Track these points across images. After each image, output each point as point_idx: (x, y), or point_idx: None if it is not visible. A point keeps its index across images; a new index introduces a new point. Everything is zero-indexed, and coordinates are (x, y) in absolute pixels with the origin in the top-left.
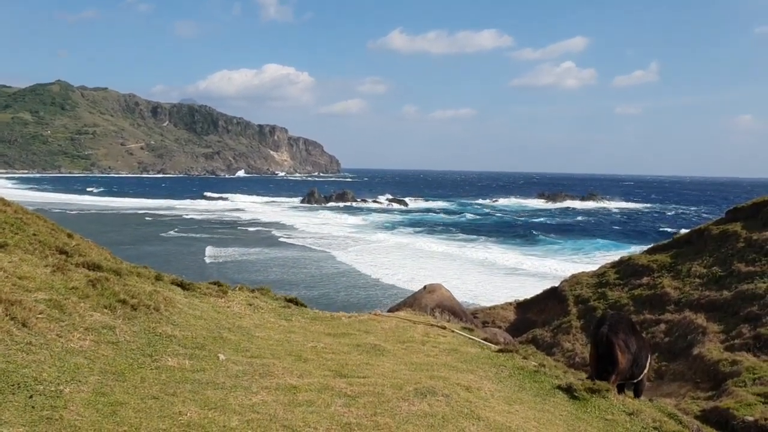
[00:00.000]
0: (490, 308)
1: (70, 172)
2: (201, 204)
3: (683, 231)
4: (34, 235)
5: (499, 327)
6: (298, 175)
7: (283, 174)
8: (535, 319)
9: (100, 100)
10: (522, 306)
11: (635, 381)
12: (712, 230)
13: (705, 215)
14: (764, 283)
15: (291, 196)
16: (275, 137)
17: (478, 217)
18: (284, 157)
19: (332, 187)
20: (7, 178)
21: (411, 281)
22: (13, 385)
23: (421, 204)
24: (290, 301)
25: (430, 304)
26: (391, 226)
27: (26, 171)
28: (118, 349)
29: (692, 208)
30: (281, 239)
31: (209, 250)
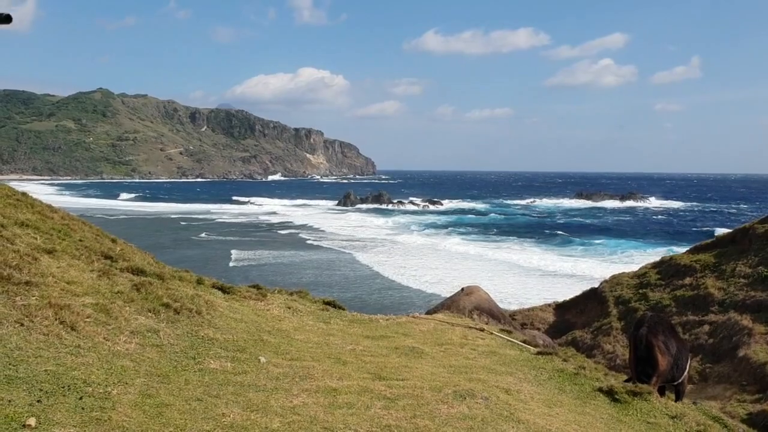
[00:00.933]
0: (528, 310)
1: (111, 178)
2: (234, 208)
3: (727, 230)
4: (80, 240)
5: (538, 329)
6: (333, 177)
7: (319, 176)
8: (574, 320)
9: (140, 107)
10: (561, 307)
11: (676, 383)
12: (757, 229)
13: (751, 213)
14: None
15: (327, 199)
16: (311, 140)
17: (514, 217)
18: (320, 160)
19: (368, 189)
20: (51, 185)
21: (447, 283)
22: (63, 387)
23: (457, 205)
24: (328, 303)
25: (468, 306)
26: (427, 228)
27: (70, 177)
28: (162, 351)
29: (737, 206)
30: (316, 242)
31: (241, 254)
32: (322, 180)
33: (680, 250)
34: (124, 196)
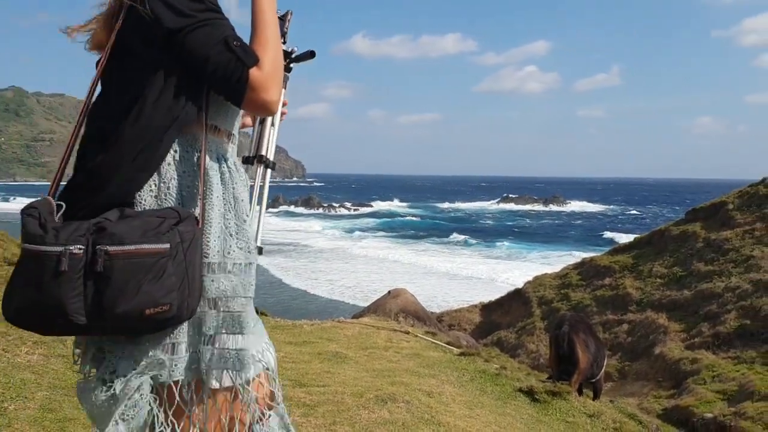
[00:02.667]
0: (455, 311)
1: (25, 180)
2: None
3: (644, 232)
4: None
5: (465, 330)
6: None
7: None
8: (499, 321)
9: (57, 107)
10: (487, 308)
11: (594, 381)
12: (672, 231)
13: (668, 215)
14: (722, 282)
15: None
16: None
17: (443, 221)
18: None
19: (297, 193)
20: None
21: (375, 286)
22: None
23: (387, 208)
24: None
25: (394, 308)
26: (356, 231)
27: None
28: (68, 362)
29: (654, 209)
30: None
31: None
32: (249, 183)
33: (599, 251)
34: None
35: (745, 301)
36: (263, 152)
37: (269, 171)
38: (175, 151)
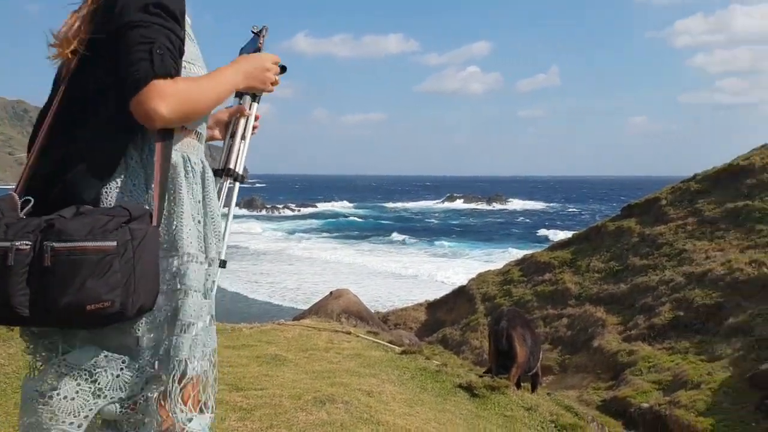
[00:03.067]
0: (401, 310)
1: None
2: None
3: (583, 229)
4: None
5: (411, 328)
6: None
7: None
8: (444, 318)
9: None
10: (432, 306)
11: (531, 374)
12: (608, 226)
13: (606, 212)
14: (657, 275)
15: None
16: None
17: (388, 221)
18: None
19: (240, 194)
20: None
21: (318, 288)
22: None
23: (332, 208)
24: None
25: (337, 309)
26: (300, 232)
27: None
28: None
29: (592, 206)
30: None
31: None
32: None
33: (540, 248)
34: None
35: (678, 293)
36: (231, 165)
37: (237, 184)
38: (142, 149)
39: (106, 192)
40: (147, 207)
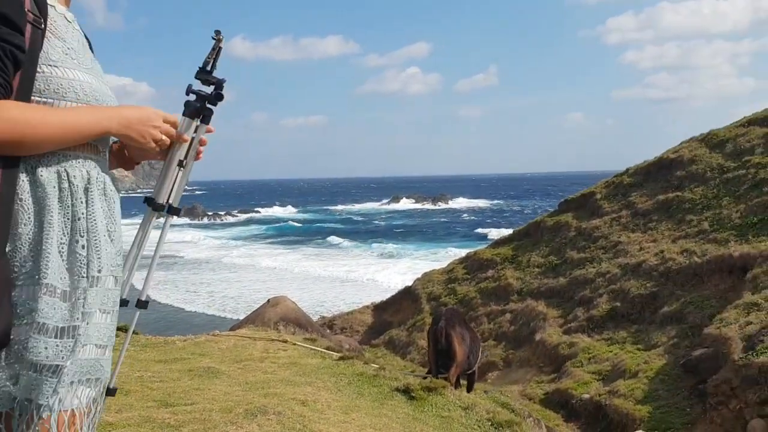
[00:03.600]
0: (348, 314)
1: None
2: None
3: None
4: None
5: (358, 331)
6: (140, 191)
7: (124, 191)
8: (391, 320)
9: None
10: (378, 308)
11: (469, 372)
12: (547, 222)
13: (547, 207)
14: (594, 268)
15: (133, 216)
16: None
17: (332, 224)
18: (124, 173)
19: (180, 202)
20: None
21: (258, 296)
22: None
23: (274, 213)
24: (119, 328)
25: (274, 317)
26: (242, 239)
27: None
28: None
29: (534, 203)
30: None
31: None
32: (126, 194)
33: (483, 245)
34: None
35: (614, 284)
36: (161, 198)
37: (172, 217)
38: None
39: None
40: None
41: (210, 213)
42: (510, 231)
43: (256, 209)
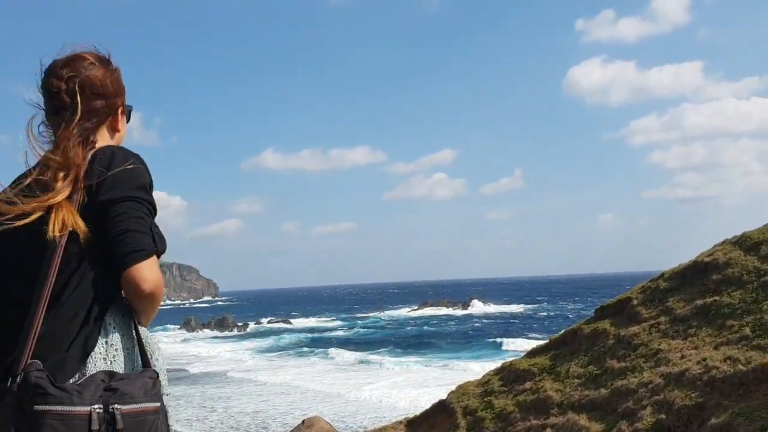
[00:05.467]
0: (379, 430)
1: None
2: None
3: (561, 331)
4: None
5: None
6: (170, 302)
7: None
8: None
9: None
10: (412, 423)
11: None
12: (584, 329)
13: (581, 311)
14: (635, 377)
15: (165, 327)
16: None
17: (365, 330)
18: None
19: (210, 313)
20: None
21: (294, 411)
22: None
23: (307, 322)
24: None
25: None
26: (275, 350)
27: None
28: None
29: (567, 306)
30: (171, 372)
31: None
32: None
33: (521, 351)
34: None
35: (658, 395)
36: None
37: None
38: (114, 318)
39: (92, 357)
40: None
41: (240, 323)
42: (540, 335)
43: (288, 319)
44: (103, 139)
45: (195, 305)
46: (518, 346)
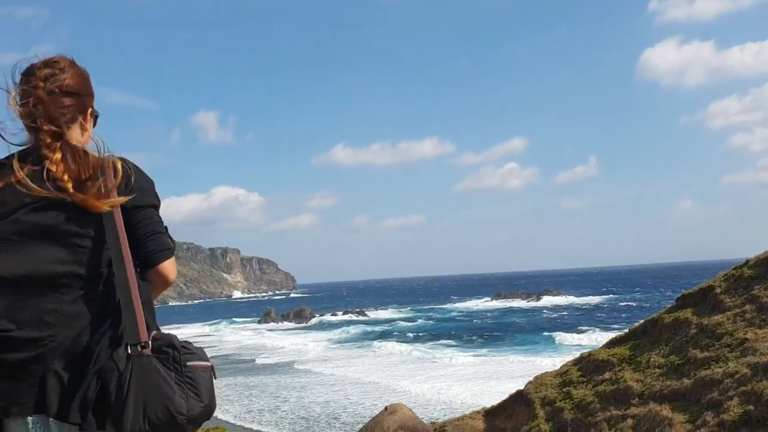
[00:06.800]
0: (458, 419)
1: None
2: None
3: (639, 321)
4: None
5: None
6: (252, 295)
7: (239, 295)
8: (504, 426)
9: None
10: (490, 413)
11: None
12: (665, 319)
13: (661, 301)
14: (720, 368)
15: (247, 318)
16: (227, 259)
17: (438, 322)
18: (237, 279)
19: (289, 305)
20: None
21: (373, 397)
22: None
23: (381, 314)
24: None
25: (392, 426)
26: (352, 339)
27: None
28: None
29: (645, 296)
30: (249, 362)
31: None
32: (241, 298)
33: (599, 342)
34: None
35: (745, 386)
36: None
37: None
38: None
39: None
40: None
41: (317, 315)
42: (618, 326)
43: (363, 310)
44: (75, 135)
45: (274, 298)
46: (595, 337)
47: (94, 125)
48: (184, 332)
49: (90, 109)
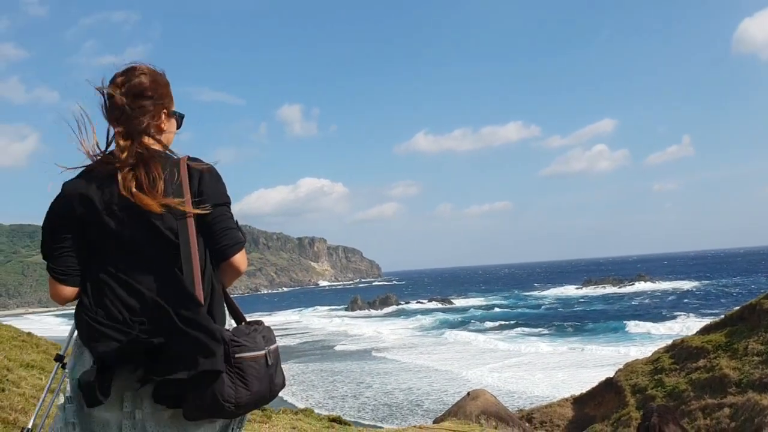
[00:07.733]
0: (546, 407)
1: None
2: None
3: (736, 307)
4: None
5: (558, 426)
6: (339, 282)
7: (326, 283)
8: (593, 414)
9: None
10: (578, 401)
11: None
12: (764, 304)
13: (762, 287)
14: None
15: (334, 306)
16: (314, 248)
17: (524, 309)
18: (325, 267)
19: (375, 292)
20: (57, 315)
21: (457, 384)
22: None
23: (465, 302)
24: (334, 420)
25: (475, 411)
26: (437, 327)
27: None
28: None
29: (744, 280)
30: (335, 348)
31: None
32: (329, 285)
33: (692, 329)
34: None
35: None
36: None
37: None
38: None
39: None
40: None
41: (402, 302)
42: (714, 311)
43: (448, 298)
44: (151, 136)
45: (359, 286)
46: (689, 324)
47: (178, 126)
48: (273, 320)
49: (166, 111)
